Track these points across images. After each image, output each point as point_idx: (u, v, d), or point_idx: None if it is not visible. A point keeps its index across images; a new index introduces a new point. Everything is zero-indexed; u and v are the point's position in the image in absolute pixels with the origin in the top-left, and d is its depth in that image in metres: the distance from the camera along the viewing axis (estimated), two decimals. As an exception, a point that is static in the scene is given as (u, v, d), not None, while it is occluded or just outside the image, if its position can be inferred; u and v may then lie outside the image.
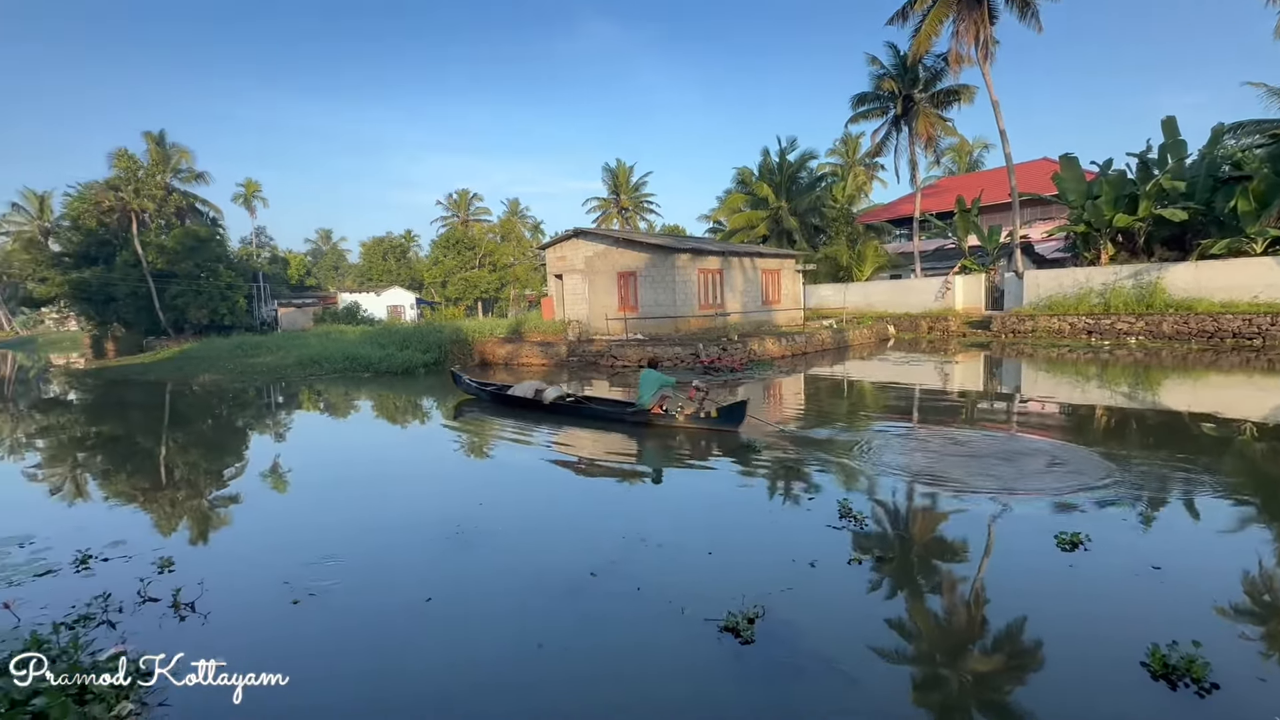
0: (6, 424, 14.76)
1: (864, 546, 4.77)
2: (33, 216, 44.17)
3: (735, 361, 16.87)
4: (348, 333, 27.20)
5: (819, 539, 4.96)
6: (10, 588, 4.45)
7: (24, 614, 3.98)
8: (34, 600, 4.22)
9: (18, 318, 72.01)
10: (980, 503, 5.65)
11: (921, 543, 5.02)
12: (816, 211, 34.60)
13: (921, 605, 4.07)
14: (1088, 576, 4.25)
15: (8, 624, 3.86)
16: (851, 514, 5.33)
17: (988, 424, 9.35)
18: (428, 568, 4.81)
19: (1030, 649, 3.55)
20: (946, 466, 6.84)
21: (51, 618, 3.92)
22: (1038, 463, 6.93)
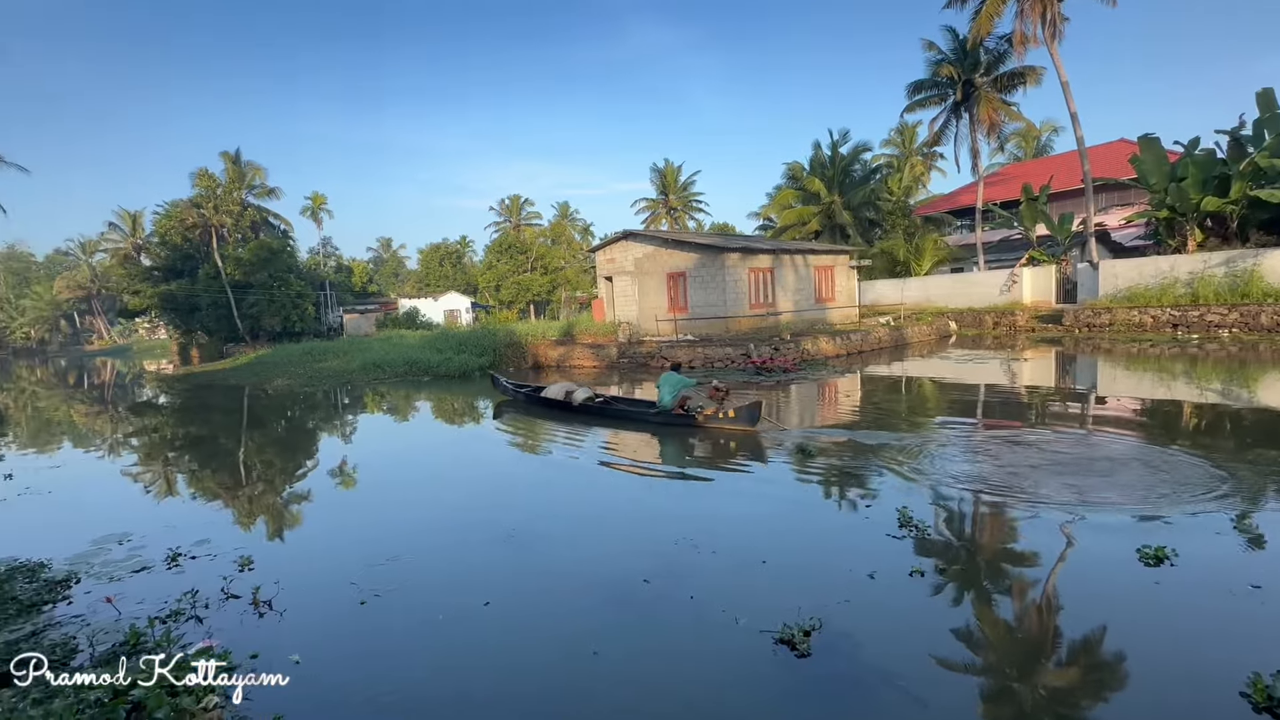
0: (107, 425, 16.07)
1: (926, 557, 4.60)
2: (127, 234, 47.90)
3: (788, 361, 16.58)
4: (408, 337, 28.23)
5: (877, 549, 4.81)
6: (112, 583, 4.84)
7: (123, 608, 4.32)
8: (132, 595, 4.57)
9: (115, 327, 78.21)
10: (1052, 511, 5.35)
11: (988, 553, 4.79)
12: (871, 205, 33.58)
13: (989, 619, 3.89)
14: (1176, 594, 3.97)
15: (110, 617, 4.20)
16: (911, 523, 5.15)
17: (1060, 424, 8.84)
18: (484, 571, 4.93)
19: (1111, 666, 3.35)
20: (1014, 471, 6.51)
21: (147, 612, 4.25)
22: (1115, 467, 6.50)
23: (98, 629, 4.03)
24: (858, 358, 18.85)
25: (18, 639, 3.96)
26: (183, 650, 3.61)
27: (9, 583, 4.79)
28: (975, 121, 26.86)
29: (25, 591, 4.65)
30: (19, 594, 4.60)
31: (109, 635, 3.92)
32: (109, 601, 4.37)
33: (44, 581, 4.84)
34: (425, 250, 63.15)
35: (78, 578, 4.96)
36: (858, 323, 23.52)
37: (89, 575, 5.01)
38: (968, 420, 9.69)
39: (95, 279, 68.91)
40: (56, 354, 72.41)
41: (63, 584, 4.82)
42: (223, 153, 39.33)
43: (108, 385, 30.86)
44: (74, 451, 12.43)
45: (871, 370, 16.35)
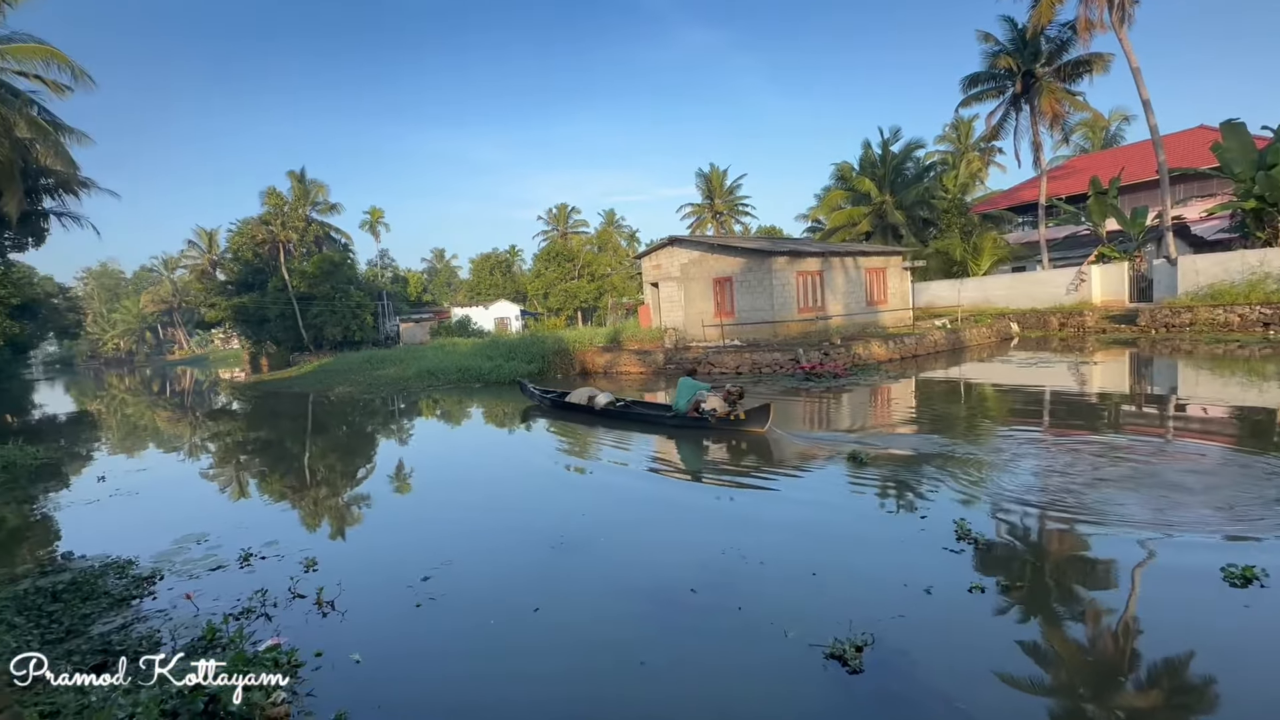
0: (187, 430, 17.18)
1: (987, 573, 4.41)
2: (204, 251, 51.21)
3: (838, 366, 16.20)
4: (460, 345, 29.04)
5: (934, 563, 4.64)
6: (191, 580, 5.17)
7: (201, 605, 4.61)
8: (208, 592, 4.87)
9: (194, 338, 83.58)
10: (1127, 523, 5.04)
11: (1056, 569, 4.55)
12: (925, 204, 32.52)
13: (1059, 638, 3.69)
14: (1270, 618, 3.66)
15: (189, 613, 4.49)
16: (970, 536, 4.94)
17: (1137, 430, 8.31)
18: (534, 576, 5.02)
19: (1197, 690, 3.13)
20: (1085, 480, 6.16)
21: (222, 609, 4.51)
22: (1198, 477, 6.07)
23: (179, 623, 4.31)
24: (912, 362, 18.26)
25: (109, 631, 4.28)
26: (254, 646, 3.82)
27: (102, 578, 5.17)
28: (1037, 113, 25.67)
29: (116, 586, 5.02)
30: (110, 589, 4.97)
31: (188, 630, 4.18)
32: (188, 598, 4.66)
33: (132, 578, 5.21)
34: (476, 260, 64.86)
35: (161, 574, 5.31)
36: (911, 326, 22.78)
37: (171, 572, 5.36)
38: (1032, 426, 9.22)
39: (176, 293, 73.94)
40: (142, 363, 77.95)
41: (148, 580, 5.18)
42: (289, 171, 41.59)
43: (187, 392, 33.00)
44: (158, 454, 13.34)
45: (927, 375, 15.80)
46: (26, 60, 17.05)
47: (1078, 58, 24.38)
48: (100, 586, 5.00)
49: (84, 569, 5.46)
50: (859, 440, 8.68)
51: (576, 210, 60.25)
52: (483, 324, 45.13)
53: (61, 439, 16.43)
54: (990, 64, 26.22)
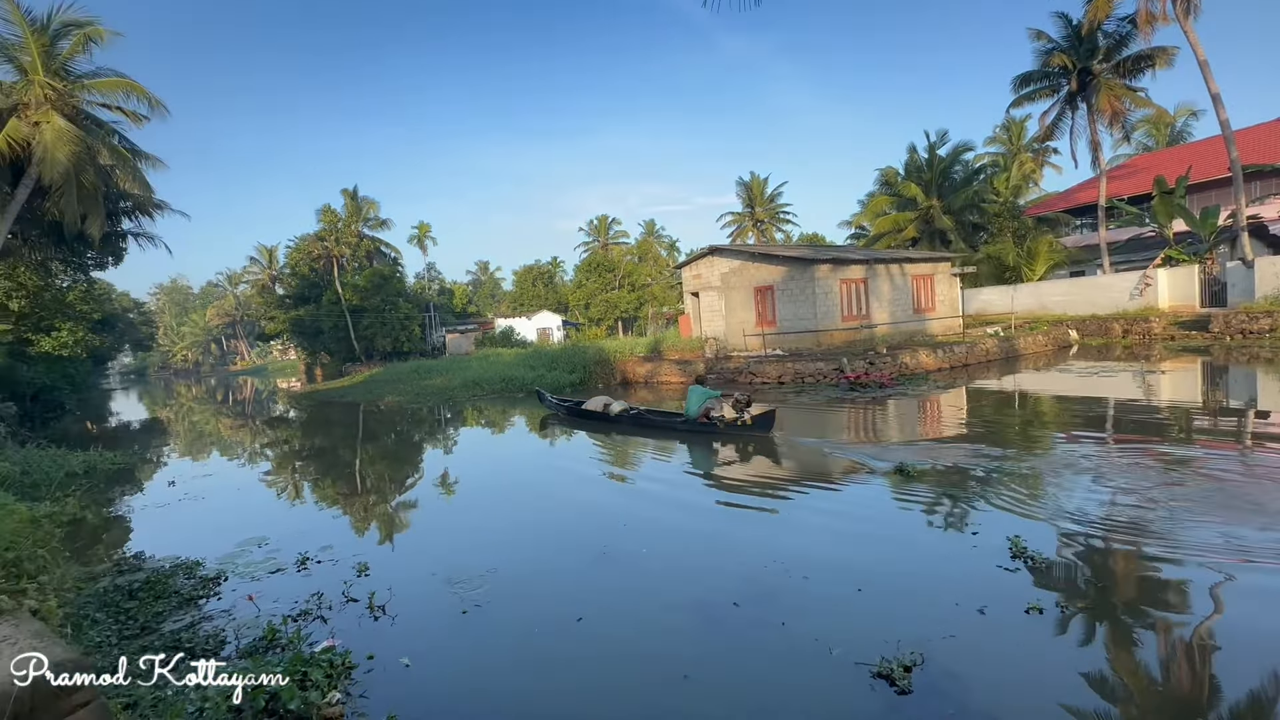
0: (248, 436, 18.04)
1: (1045, 592, 4.22)
2: (264, 266, 53.86)
3: (884, 376, 15.81)
4: (504, 355, 29.62)
5: (987, 581, 4.47)
6: (253, 582, 5.42)
7: (261, 605, 4.83)
8: (268, 594, 5.09)
9: (255, 349, 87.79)
10: (1200, 544, 4.74)
11: (1123, 589, 4.32)
12: (974, 208, 31.56)
13: (1128, 665, 3.50)
14: (1363, 651, 3.39)
15: (250, 613, 4.71)
16: (1026, 554, 4.74)
17: (1210, 445, 7.82)
18: (577, 586, 5.06)
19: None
20: (1152, 497, 5.84)
21: (281, 611, 4.72)
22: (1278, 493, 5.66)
23: (242, 624, 4.52)
24: (962, 371, 17.66)
25: (179, 629, 4.53)
26: (310, 648, 3.98)
27: (173, 578, 5.48)
28: (1095, 111, 24.62)
29: (185, 586, 5.31)
30: (180, 588, 5.26)
31: (250, 630, 4.39)
32: (250, 600, 4.89)
33: (199, 578, 5.50)
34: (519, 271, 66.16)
35: (225, 576, 5.59)
36: (962, 334, 22.04)
37: (234, 574, 5.64)
38: (1094, 437, 8.78)
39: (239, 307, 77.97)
40: (208, 374, 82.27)
41: (214, 581, 5.46)
42: (343, 190, 43.46)
43: (248, 401, 34.66)
44: (222, 460, 14.05)
45: (979, 385, 15.25)
46: (110, 93, 18.39)
47: (1138, 52, 23.30)
48: (171, 586, 5.30)
49: (156, 569, 5.80)
50: (905, 451, 8.45)
51: (617, 221, 60.92)
52: (525, 334, 45.91)
53: (135, 445, 17.49)
54: (1043, 62, 25.31)
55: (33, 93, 16.71)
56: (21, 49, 16.79)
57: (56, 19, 17.01)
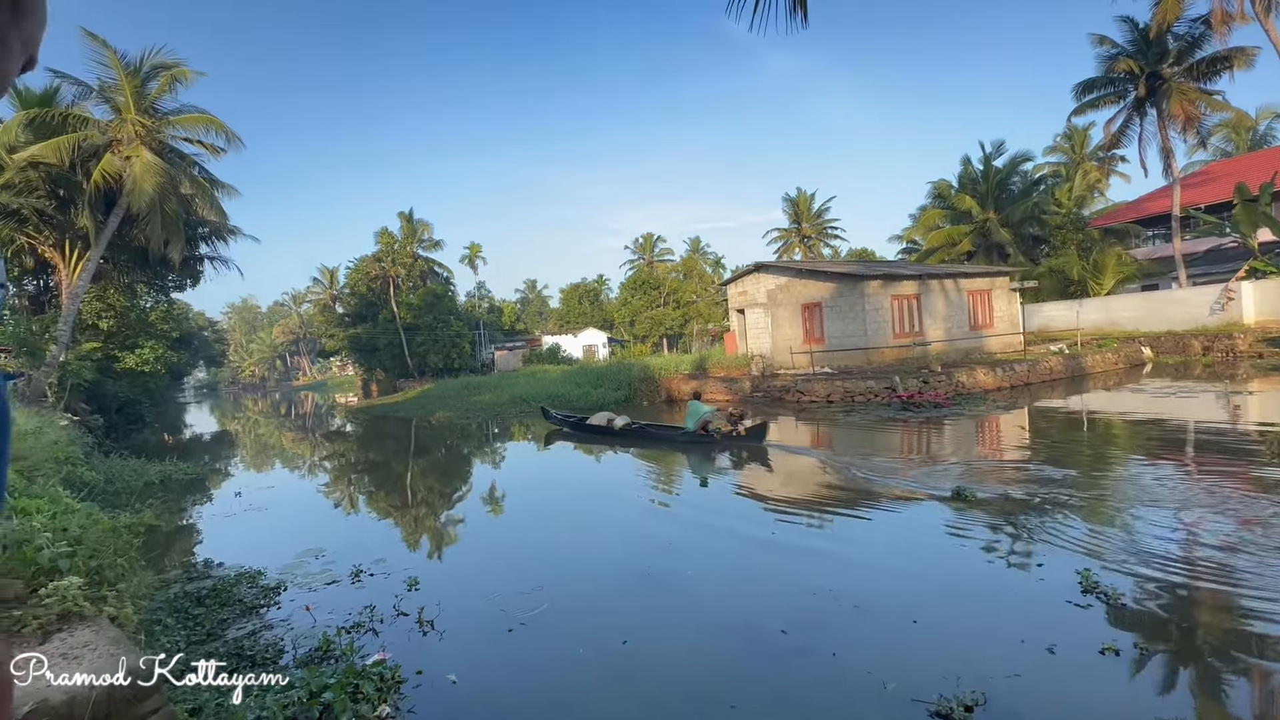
0: (308, 449, 18.83)
1: (1122, 631, 3.93)
2: (326, 287, 56.47)
3: (939, 395, 15.24)
4: (551, 372, 30.04)
5: (1055, 617, 4.20)
6: (310, 593, 5.62)
7: (318, 616, 4.98)
8: (324, 605, 5.26)
9: (315, 365, 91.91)
10: (1299, 587, 4.34)
11: (1208, 632, 3.98)
12: (1035, 220, 30.31)
13: (1215, 713, 3.21)
14: None
15: (307, 624, 4.86)
16: (1098, 589, 4.44)
17: (1305, 477, 7.17)
18: (621, 606, 5.03)
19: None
20: (1241, 529, 5.38)
21: (335, 622, 4.85)
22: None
23: (299, 634, 4.68)
24: (1024, 391, 16.85)
25: (241, 636, 4.72)
26: (362, 660, 4.08)
27: (237, 586, 5.73)
28: (1166, 117, 23.39)
29: (248, 595, 5.54)
30: (244, 597, 5.49)
31: (307, 640, 4.53)
32: (307, 610, 5.06)
33: (261, 588, 5.73)
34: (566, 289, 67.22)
35: (285, 586, 5.81)
36: (1023, 351, 21.06)
37: (293, 584, 5.85)
38: (1173, 465, 8.20)
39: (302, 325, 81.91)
40: (273, 388, 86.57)
41: (274, 590, 5.68)
42: (400, 213, 45.33)
43: (308, 415, 36.24)
44: (284, 472, 14.69)
45: (1042, 405, 14.52)
46: (192, 128, 19.85)
47: (1214, 54, 22.06)
48: (235, 594, 5.53)
49: (222, 577, 6.08)
50: (963, 475, 8.08)
51: (662, 239, 61.18)
52: (572, 351, 46.46)
53: (206, 456, 18.51)
54: (1107, 68, 24.29)
55: (125, 130, 18.18)
56: (117, 90, 18.33)
57: (148, 62, 18.52)
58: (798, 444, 12.03)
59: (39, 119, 17.41)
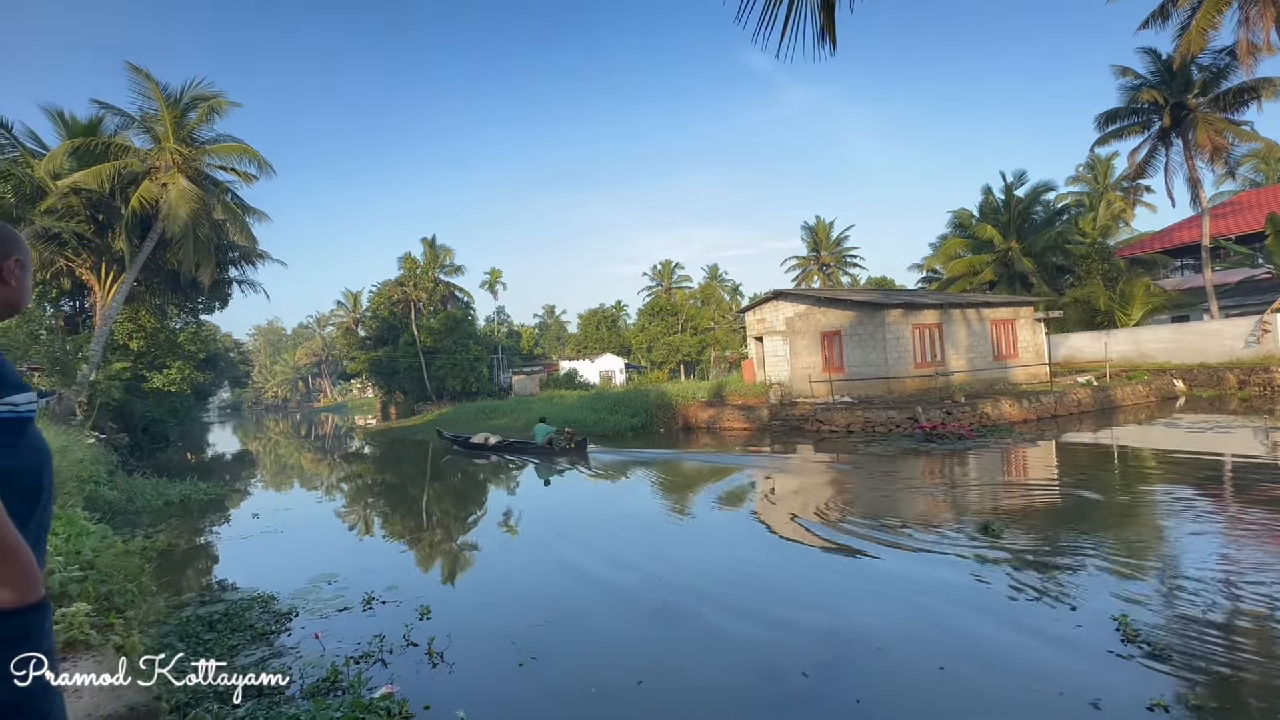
0: (325, 470, 18.91)
1: (1169, 684, 3.69)
2: (349, 310, 57.54)
3: (963, 427, 14.88)
4: (567, 397, 30.04)
5: (1095, 668, 3.96)
6: (321, 619, 5.54)
7: (327, 644, 4.90)
8: (334, 632, 5.17)
9: (336, 387, 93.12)
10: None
11: (1264, 688, 3.72)
12: (1058, 249, 29.91)
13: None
14: None
15: (316, 652, 4.78)
16: (1138, 638, 4.19)
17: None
18: (636, 643, 4.87)
19: None
20: (1292, 580, 5.08)
21: (345, 651, 4.77)
22: None
23: (307, 662, 4.59)
24: (1051, 423, 16.41)
25: (250, 663, 4.65)
26: (370, 691, 3.98)
27: (249, 611, 5.68)
28: (1192, 148, 23.12)
29: (259, 620, 5.48)
30: (255, 622, 5.43)
31: (315, 669, 4.44)
32: (317, 638, 4.98)
33: (273, 613, 5.68)
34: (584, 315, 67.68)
35: (296, 611, 5.74)
36: (1049, 382, 20.57)
37: (305, 610, 5.78)
38: (1212, 499, 7.84)
39: (325, 347, 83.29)
40: (294, 409, 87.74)
41: (285, 616, 5.62)
42: (422, 239, 46.27)
43: (328, 436, 36.56)
44: (302, 493, 14.74)
45: (1070, 438, 14.11)
46: (226, 156, 20.54)
47: (1240, 85, 21.85)
48: (246, 620, 5.48)
49: (235, 601, 6.03)
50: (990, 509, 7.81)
51: (680, 266, 61.56)
52: (589, 376, 46.56)
53: (227, 475, 18.68)
54: (1130, 99, 24.17)
55: (164, 158, 18.86)
56: (157, 120, 19.08)
57: (188, 94, 19.28)
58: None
59: (82, 148, 18.15)
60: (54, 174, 17.86)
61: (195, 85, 19.37)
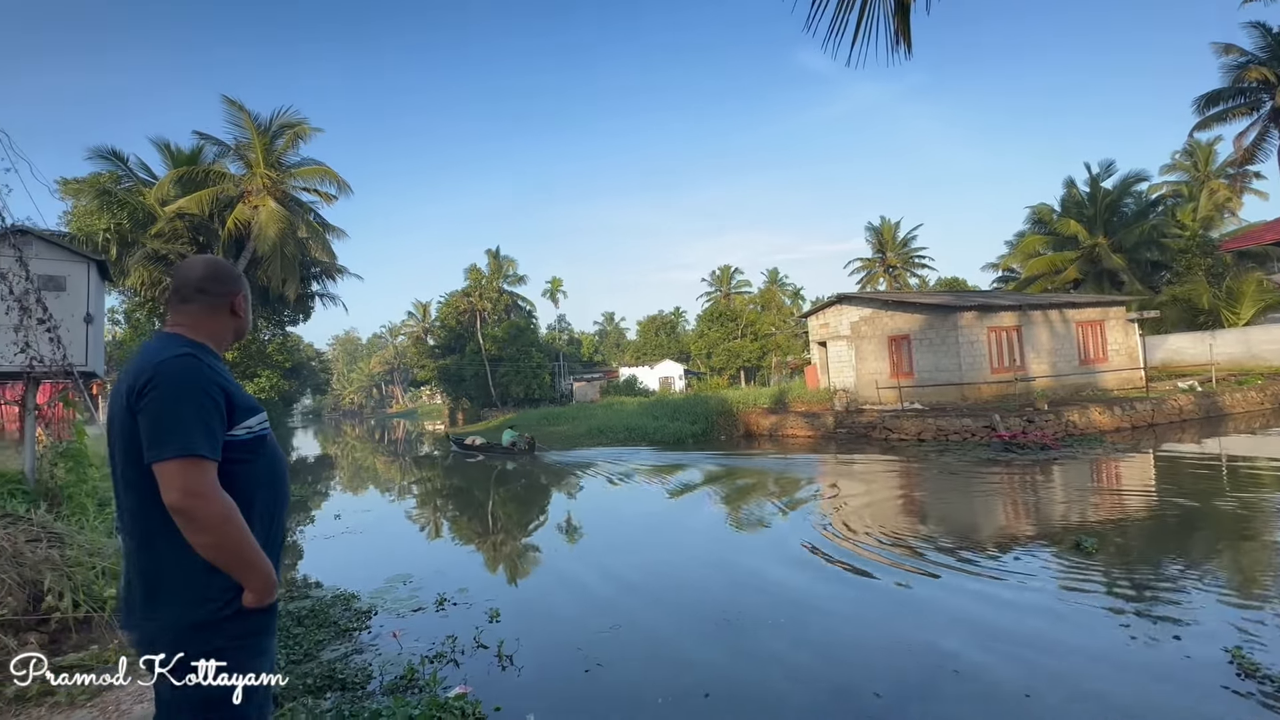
0: (399, 474, 19.81)
1: (1294, 727, 3.33)
2: (419, 320, 60.13)
3: (1046, 436, 13.96)
4: (627, 404, 30.26)
5: (1207, 705, 3.62)
6: (398, 619, 5.80)
7: (404, 643, 5.11)
8: (410, 632, 5.40)
9: (408, 394, 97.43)
10: None
11: None
12: (1152, 244, 27.75)
13: None
14: None
15: (394, 650, 5.00)
16: (1259, 672, 3.80)
17: None
18: (700, 654, 4.82)
19: None
20: None
21: (420, 650, 4.96)
22: None
23: (386, 660, 4.81)
24: (1147, 432, 15.19)
25: (334, 659, 4.90)
26: (445, 691, 4.13)
27: (332, 608, 6.01)
28: (1310, 128, 20.95)
29: (342, 618, 5.79)
30: (338, 619, 5.74)
31: (393, 667, 4.65)
32: (395, 636, 5.21)
33: (354, 611, 5.98)
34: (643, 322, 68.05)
35: (375, 610, 6.03)
36: (1144, 388, 19.04)
37: (383, 609, 6.06)
38: (1344, 526, 7.03)
39: (397, 356, 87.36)
40: (369, 415, 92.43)
41: (365, 614, 5.90)
42: (487, 250, 47.88)
43: (400, 441, 38.27)
44: (378, 496, 15.49)
45: (1171, 448, 13.01)
46: (309, 178, 22.03)
47: (1368, 56, 19.66)
48: (330, 616, 5.80)
49: (320, 598, 6.40)
50: (1077, 522, 7.29)
51: (739, 270, 60.91)
52: (648, 383, 46.74)
53: (309, 476, 19.87)
54: (1235, 78, 22.17)
55: (255, 182, 20.38)
56: (249, 148, 20.66)
57: (276, 122, 20.79)
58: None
59: (185, 176, 19.86)
60: (162, 200, 19.63)
61: (283, 113, 20.88)
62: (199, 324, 1.67)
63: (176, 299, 1.68)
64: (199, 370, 1.51)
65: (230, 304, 1.73)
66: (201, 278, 1.69)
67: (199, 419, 1.45)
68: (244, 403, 1.58)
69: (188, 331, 1.64)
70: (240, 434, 1.54)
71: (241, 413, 1.56)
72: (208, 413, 1.47)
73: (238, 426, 1.54)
